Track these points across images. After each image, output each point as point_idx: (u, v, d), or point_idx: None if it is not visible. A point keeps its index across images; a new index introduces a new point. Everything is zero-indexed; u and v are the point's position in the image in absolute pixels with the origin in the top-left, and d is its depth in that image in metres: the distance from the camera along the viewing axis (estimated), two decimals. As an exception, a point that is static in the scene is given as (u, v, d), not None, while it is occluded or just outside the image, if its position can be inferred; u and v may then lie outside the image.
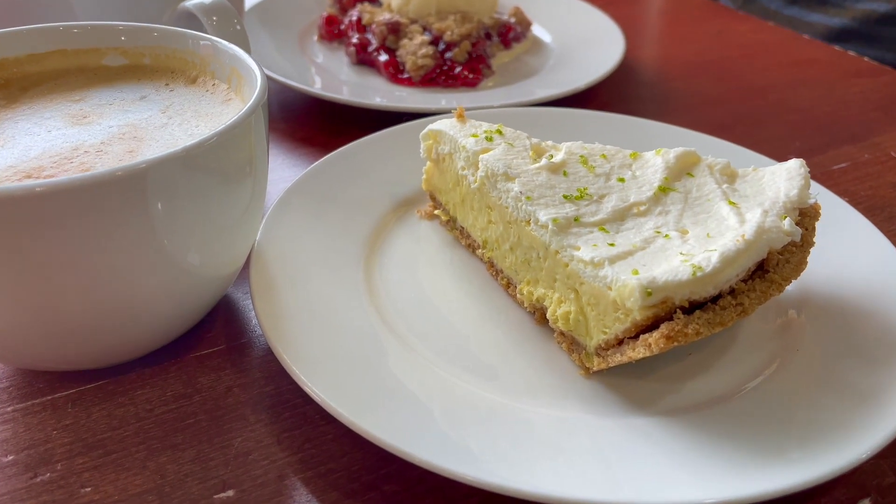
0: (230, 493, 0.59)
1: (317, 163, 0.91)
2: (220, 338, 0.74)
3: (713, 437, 0.58)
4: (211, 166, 0.60)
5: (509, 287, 0.78)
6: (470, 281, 0.81)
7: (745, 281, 0.63)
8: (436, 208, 0.89)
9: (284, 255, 0.77)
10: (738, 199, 0.70)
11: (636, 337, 0.62)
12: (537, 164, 0.75)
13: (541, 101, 1.14)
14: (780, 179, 0.71)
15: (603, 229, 0.67)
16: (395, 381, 0.64)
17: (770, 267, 0.64)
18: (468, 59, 1.27)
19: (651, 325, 0.61)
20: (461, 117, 0.83)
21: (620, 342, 0.64)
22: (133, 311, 0.64)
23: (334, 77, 1.28)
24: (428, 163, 0.88)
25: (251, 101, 0.64)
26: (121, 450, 0.62)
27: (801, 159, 0.73)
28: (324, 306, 0.71)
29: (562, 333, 0.71)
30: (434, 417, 0.61)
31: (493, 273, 0.81)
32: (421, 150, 0.87)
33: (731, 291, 0.62)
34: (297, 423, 0.65)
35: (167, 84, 0.76)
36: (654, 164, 0.75)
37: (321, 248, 0.79)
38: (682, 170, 0.74)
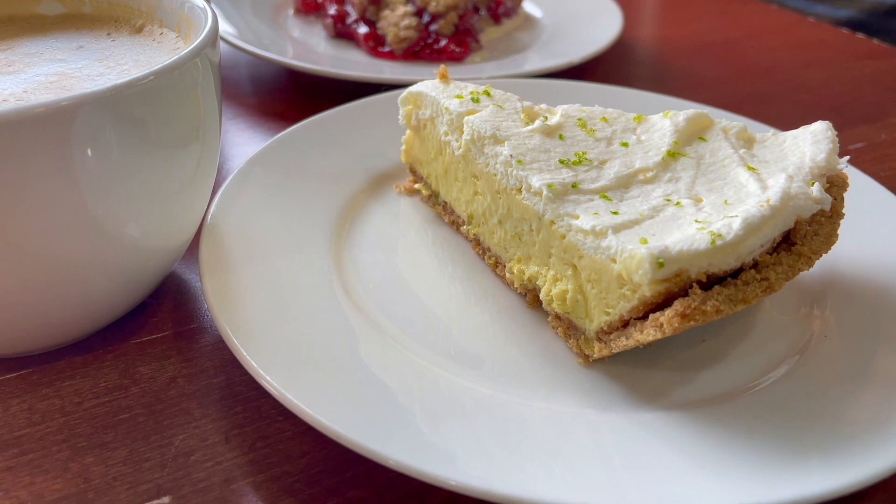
0: (165, 499, 0.50)
1: (285, 132, 0.83)
2: (165, 322, 0.66)
3: (731, 435, 0.51)
4: (146, 115, 0.52)
5: (497, 267, 0.70)
6: (454, 261, 0.73)
7: (769, 254, 0.56)
8: (416, 182, 0.81)
9: (242, 230, 0.68)
10: (757, 165, 0.62)
11: (644, 317, 0.54)
12: (530, 127, 0.67)
13: (532, 74, 1.06)
14: (804, 144, 0.64)
15: (605, 197, 0.60)
16: (365, 370, 0.56)
17: (798, 238, 0.57)
18: (455, 32, 1.19)
19: (662, 304, 0.53)
20: (444, 78, 0.75)
21: (626, 324, 0.56)
22: (61, 286, 0.56)
23: (310, 51, 1.20)
24: (407, 131, 0.80)
25: (197, 41, 0.56)
26: (40, 449, 0.54)
27: (828, 122, 0.66)
28: (285, 287, 0.63)
29: (557, 317, 0.63)
30: (410, 412, 0.53)
31: (480, 252, 0.73)
32: (399, 117, 0.79)
33: (755, 265, 0.55)
34: (249, 418, 0.57)
35: (109, 34, 0.68)
36: (661, 128, 0.67)
37: (285, 223, 0.71)
38: (694, 134, 0.67)
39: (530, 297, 0.66)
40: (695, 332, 0.62)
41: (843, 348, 0.61)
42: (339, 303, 0.63)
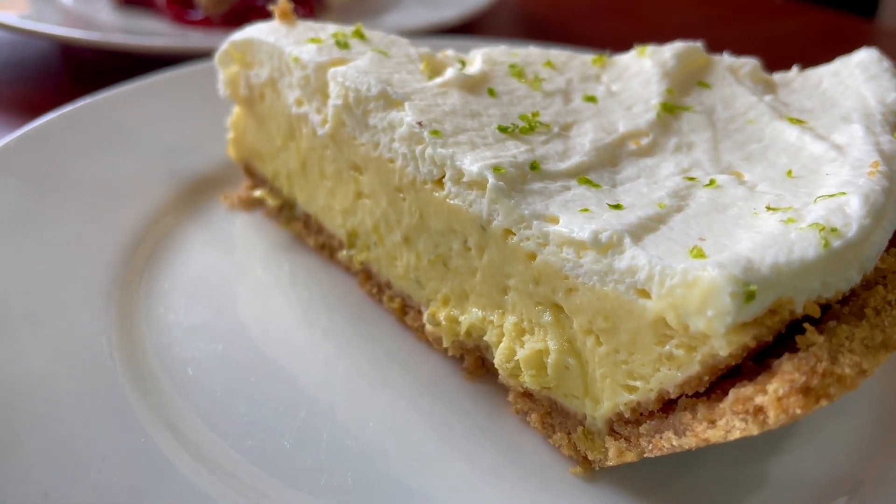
0: None
1: (32, 125, 0.54)
2: None
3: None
4: None
5: (406, 313, 0.45)
6: (330, 309, 0.47)
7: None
8: (255, 187, 0.54)
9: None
10: (798, 116, 0.42)
11: (707, 394, 0.31)
12: (441, 79, 0.43)
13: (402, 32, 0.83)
14: (856, 82, 0.45)
15: (587, 181, 0.37)
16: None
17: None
18: (292, -10, 0.93)
19: (732, 367, 0.30)
20: (286, 16, 0.50)
21: (668, 407, 0.33)
22: None
23: (88, 23, 0.90)
24: (235, 109, 0.54)
25: None
26: None
27: (874, 48, 0.47)
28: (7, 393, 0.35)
29: (526, 394, 0.39)
30: None
31: (373, 291, 0.47)
32: (219, 86, 0.52)
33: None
34: None
35: None
36: (641, 72, 0.46)
37: (23, 275, 0.42)
38: (690, 77, 0.46)
39: (470, 360, 0.42)
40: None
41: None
42: (125, 413, 0.36)
